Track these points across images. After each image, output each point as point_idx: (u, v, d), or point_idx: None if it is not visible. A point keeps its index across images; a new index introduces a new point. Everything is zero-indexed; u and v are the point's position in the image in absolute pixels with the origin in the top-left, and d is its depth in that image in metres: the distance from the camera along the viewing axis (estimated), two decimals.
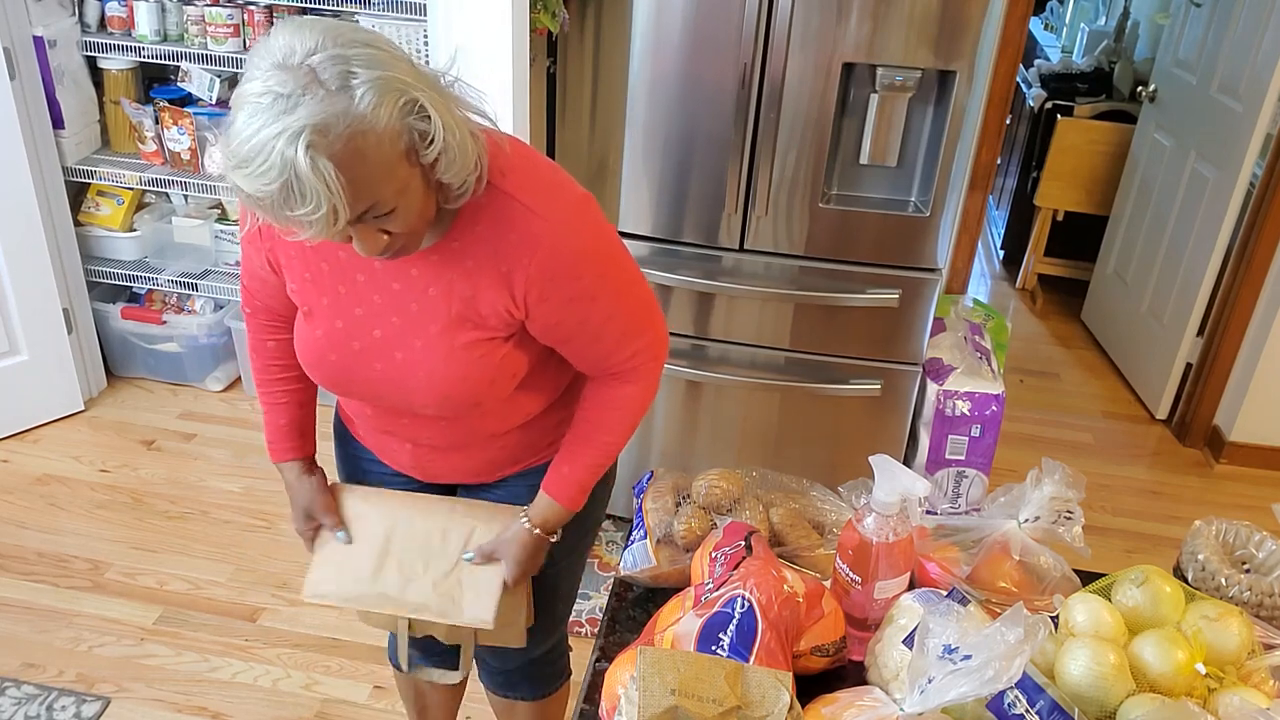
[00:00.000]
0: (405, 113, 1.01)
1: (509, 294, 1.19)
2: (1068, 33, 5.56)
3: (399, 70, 1.01)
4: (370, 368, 1.25)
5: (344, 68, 0.98)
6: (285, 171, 0.95)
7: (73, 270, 3.04)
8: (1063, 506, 1.29)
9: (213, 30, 2.78)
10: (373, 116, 0.98)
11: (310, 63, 0.97)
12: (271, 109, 0.95)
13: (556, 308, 1.21)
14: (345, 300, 1.24)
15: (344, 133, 0.97)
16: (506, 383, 1.28)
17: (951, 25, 2.09)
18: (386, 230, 1.07)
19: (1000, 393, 2.50)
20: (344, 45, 0.99)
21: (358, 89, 0.97)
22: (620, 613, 1.35)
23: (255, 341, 1.43)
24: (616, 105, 2.28)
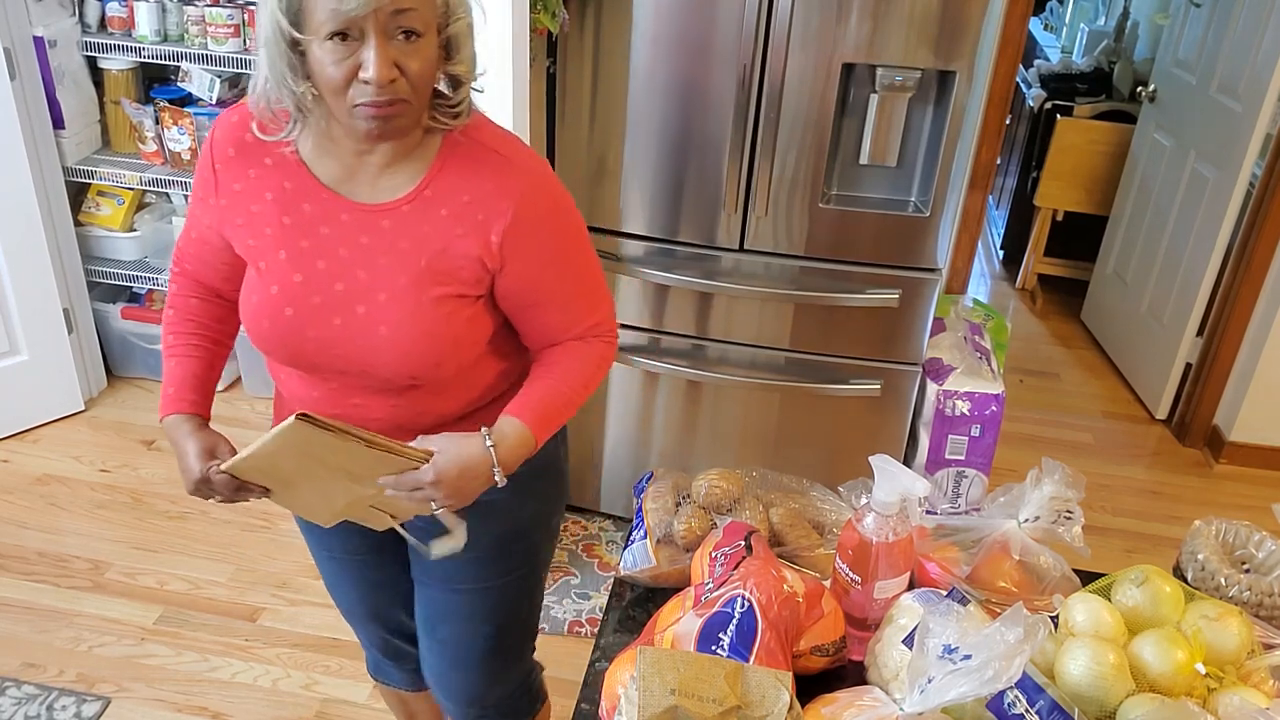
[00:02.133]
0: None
1: (485, 243, 1.17)
2: (1068, 33, 5.56)
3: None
4: (328, 324, 1.20)
5: None
6: None
7: (73, 270, 3.04)
8: (1063, 506, 1.29)
9: (213, 30, 2.78)
10: None
11: None
12: None
13: (531, 262, 1.20)
14: (307, 254, 1.19)
15: None
16: (470, 347, 1.24)
17: (951, 25, 2.09)
18: (400, 65, 1.06)
19: (1000, 393, 2.50)
20: None
21: None
22: (620, 613, 1.35)
23: (176, 298, 1.38)
24: (616, 105, 2.28)
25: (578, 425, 2.68)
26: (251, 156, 1.21)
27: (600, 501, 2.78)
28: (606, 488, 2.76)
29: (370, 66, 1.05)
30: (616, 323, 1.34)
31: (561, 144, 2.37)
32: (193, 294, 1.38)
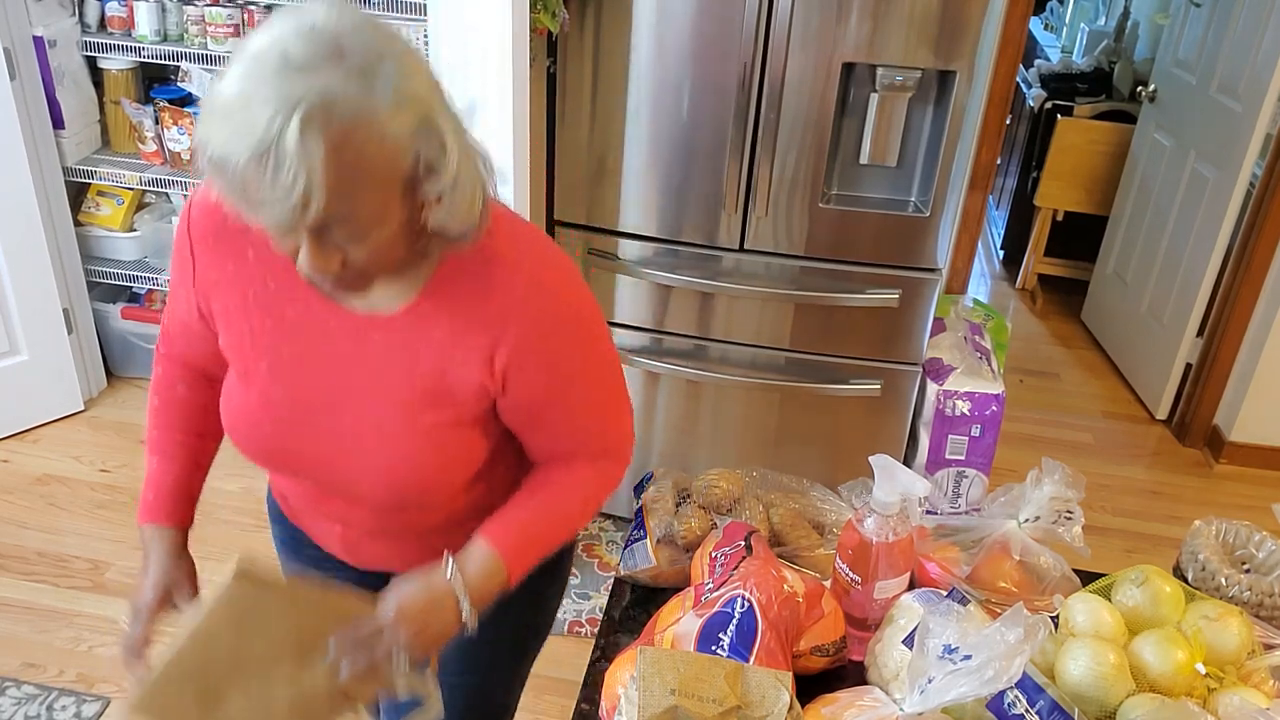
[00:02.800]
0: (420, 135, 0.88)
1: (486, 367, 1.03)
2: (1068, 33, 5.56)
3: (430, 89, 0.90)
4: (310, 444, 1.09)
5: (375, 55, 0.85)
6: (268, 136, 0.81)
7: (73, 270, 3.04)
8: (1063, 506, 1.29)
9: (213, 30, 2.78)
10: (387, 117, 0.85)
11: (343, 40, 0.84)
12: (279, 70, 0.82)
13: (536, 381, 1.05)
14: (289, 364, 1.07)
15: (351, 119, 0.83)
16: (461, 472, 1.11)
17: (951, 25, 2.09)
18: (345, 254, 0.91)
19: (1000, 393, 2.50)
20: (385, 38, 0.87)
21: (381, 82, 0.85)
22: (620, 613, 1.35)
23: (160, 385, 1.24)
24: (616, 105, 2.28)
25: None
26: (232, 246, 1.06)
27: None
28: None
29: (302, 261, 0.91)
30: (632, 437, 1.20)
31: (561, 144, 2.37)
32: (179, 379, 1.24)
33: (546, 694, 2.15)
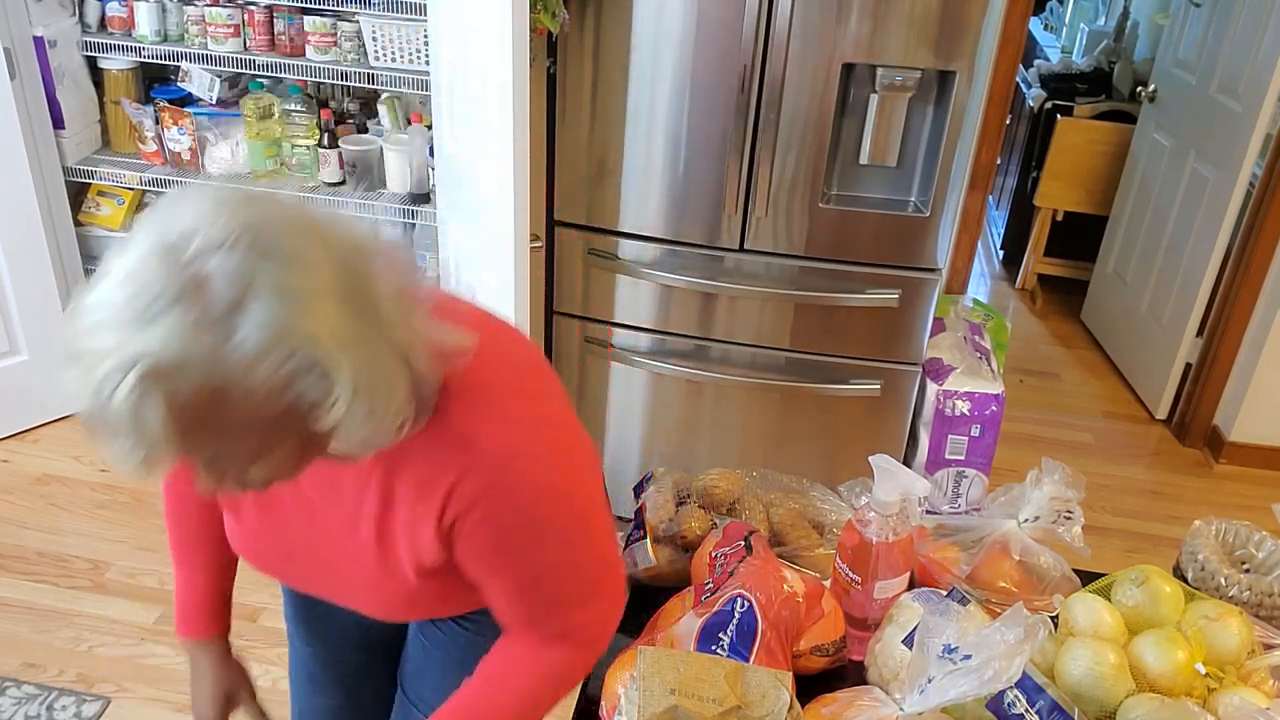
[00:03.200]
0: (295, 375, 0.74)
1: (437, 528, 0.95)
2: (1068, 33, 5.56)
3: (315, 309, 0.74)
4: (304, 574, 1.10)
5: (243, 288, 0.71)
6: (101, 396, 0.71)
7: (73, 270, 3.04)
8: (1063, 506, 1.29)
9: (213, 30, 2.78)
10: (246, 371, 0.72)
11: (205, 267, 0.71)
12: (126, 307, 0.71)
13: (485, 548, 0.96)
14: (270, 504, 1.05)
15: (199, 382, 0.71)
16: (450, 596, 1.05)
17: (951, 25, 2.10)
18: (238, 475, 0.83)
19: (1000, 393, 2.50)
20: (262, 252, 0.73)
21: (243, 326, 0.71)
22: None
23: (174, 509, 1.20)
24: (616, 105, 2.28)
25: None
26: None
27: None
28: (607, 488, 2.75)
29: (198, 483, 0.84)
30: (612, 622, 1.07)
31: (561, 144, 2.37)
32: (185, 498, 1.20)
33: None
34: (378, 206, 2.88)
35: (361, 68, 2.74)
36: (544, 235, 2.45)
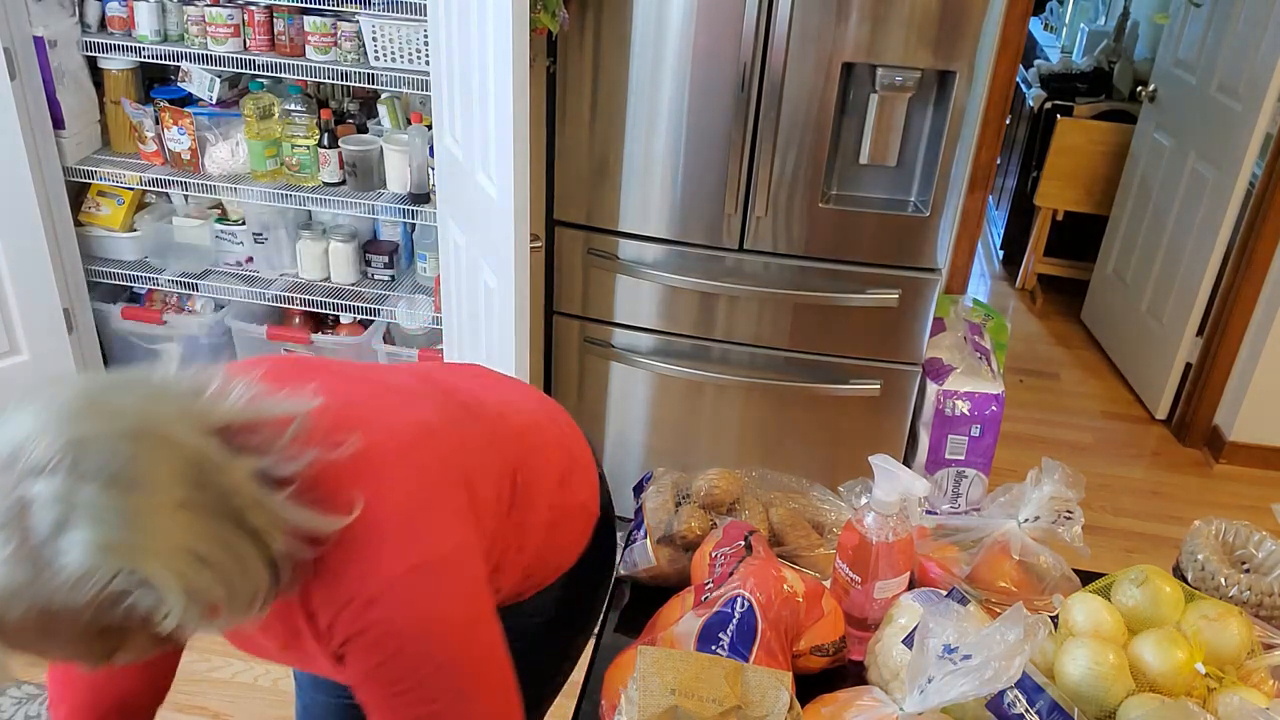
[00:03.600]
0: (121, 593, 0.72)
1: (331, 662, 0.95)
2: (1067, 33, 5.56)
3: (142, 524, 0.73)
4: (272, 658, 1.08)
5: (64, 512, 0.70)
6: None
7: (73, 270, 3.04)
8: (1062, 506, 1.29)
9: (213, 30, 2.78)
10: (69, 594, 0.71)
11: (29, 492, 0.71)
12: None
13: (367, 688, 0.94)
14: None
15: (24, 606, 0.71)
16: None
17: (951, 25, 2.10)
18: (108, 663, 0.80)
19: (1000, 393, 2.50)
20: (84, 475, 0.72)
21: (66, 550, 0.70)
22: (620, 613, 1.35)
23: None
24: (616, 105, 2.28)
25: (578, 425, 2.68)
26: None
27: None
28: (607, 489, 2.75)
29: None
30: None
31: (561, 144, 2.37)
32: None
33: None
34: (378, 206, 2.88)
35: (361, 68, 2.74)
36: (544, 235, 2.45)
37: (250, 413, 0.84)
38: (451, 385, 1.15)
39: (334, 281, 3.09)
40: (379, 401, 1.01)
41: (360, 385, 1.03)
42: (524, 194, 1.93)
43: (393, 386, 1.06)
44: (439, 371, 1.29)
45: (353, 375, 1.06)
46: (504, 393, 1.25)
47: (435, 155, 2.54)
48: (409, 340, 3.12)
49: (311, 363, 1.08)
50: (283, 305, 3.10)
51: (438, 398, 1.07)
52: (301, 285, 3.10)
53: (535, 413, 1.24)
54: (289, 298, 3.06)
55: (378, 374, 1.10)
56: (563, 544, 1.24)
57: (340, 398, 0.97)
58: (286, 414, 0.87)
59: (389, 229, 3.15)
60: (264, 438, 0.84)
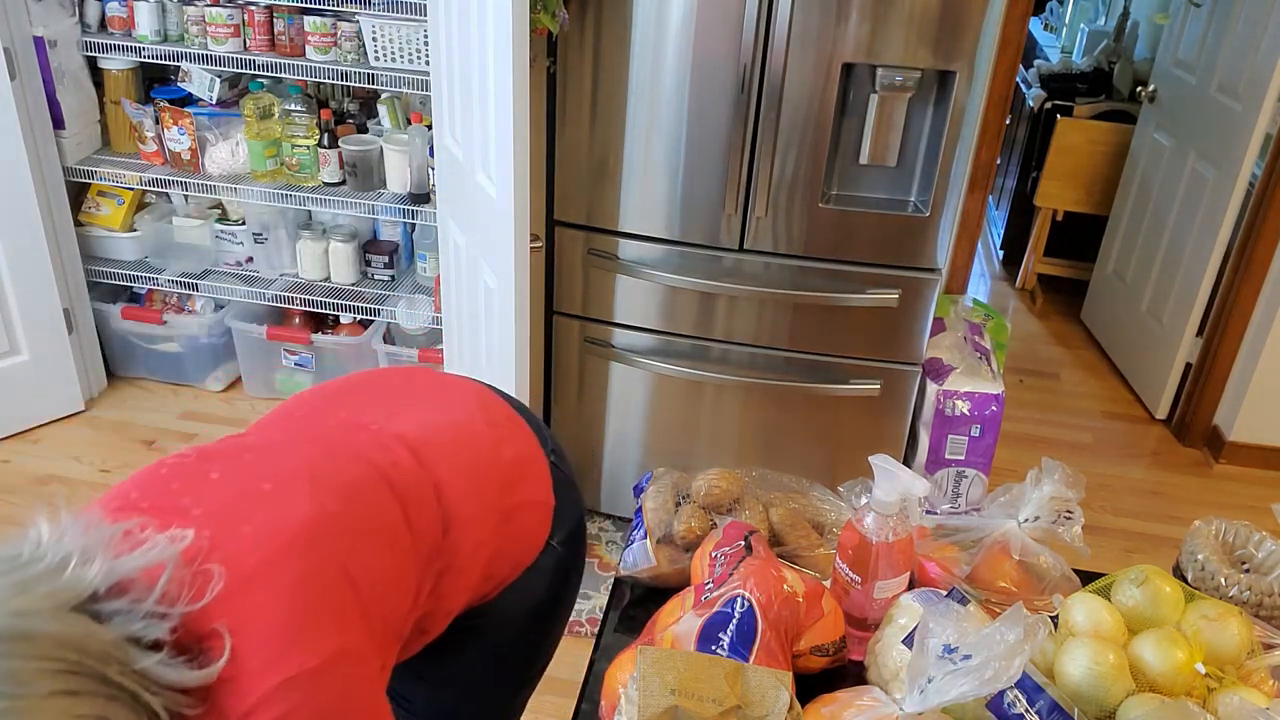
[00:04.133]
0: None
1: None
2: (1067, 33, 5.57)
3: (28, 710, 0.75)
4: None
5: None
6: None
7: (73, 270, 3.05)
8: (1062, 506, 1.29)
9: (213, 30, 2.78)
10: None
11: None
12: None
13: None
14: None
15: None
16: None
17: (951, 25, 2.10)
18: None
19: (1000, 393, 2.50)
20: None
21: None
22: (620, 613, 1.35)
23: None
24: (616, 105, 2.28)
25: (579, 425, 2.68)
26: None
27: (600, 501, 2.79)
28: (606, 488, 2.76)
29: None
30: None
31: (561, 144, 2.37)
32: None
33: (546, 694, 2.15)
34: (378, 206, 2.88)
35: (361, 68, 2.74)
36: (544, 235, 2.45)
37: (116, 574, 0.84)
38: (356, 439, 1.12)
39: (334, 281, 3.09)
40: (245, 507, 0.97)
41: (232, 487, 1.00)
42: (524, 194, 1.93)
43: (266, 479, 1.01)
44: (352, 412, 1.20)
45: (226, 476, 1.01)
46: (425, 407, 1.23)
47: (435, 155, 2.54)
48: (409, 340, 3.13)
49: (189, 470, 1.02)
50: (283, 305, 3.10)
51: (320, 480, 1.02)
52: (301, 285, 3.10)
53: (464, 423, 1.23)
54: (289, 298, 3.06)
55: (260, 464, 1.04)
56: (517, 542, 1.25)
57: (209, 514, 0.95)
58: (154, 564, 0.86)
59: (389, 229, 3.15)
60: (133, 595, 0.84)
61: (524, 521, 1.25)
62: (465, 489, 1.16)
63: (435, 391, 1.29)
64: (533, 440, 1.31)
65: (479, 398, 1.30)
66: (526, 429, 1.32)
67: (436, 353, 2.98)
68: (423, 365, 1.43)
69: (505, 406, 1.33)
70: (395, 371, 1.35)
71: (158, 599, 0.85)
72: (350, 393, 1.26)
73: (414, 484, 1.11)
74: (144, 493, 0.99)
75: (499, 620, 1.28)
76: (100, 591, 0.83)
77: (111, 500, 0.99)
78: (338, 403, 1.23)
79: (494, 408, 1.30)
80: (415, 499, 1.10)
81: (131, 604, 0.84)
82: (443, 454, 1.17)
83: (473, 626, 1.25)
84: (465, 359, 2.50)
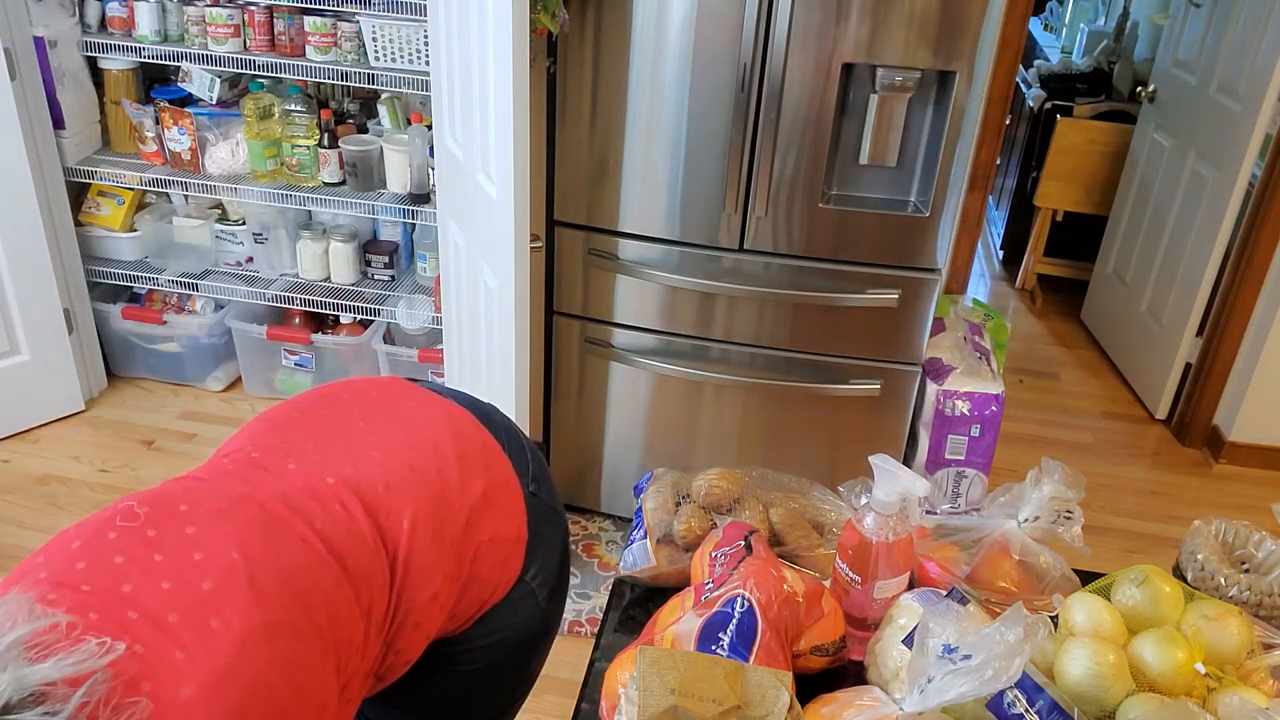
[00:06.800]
0: None
1: None
2: (1067, 33, 5.57)
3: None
4: None
5: None
6: None
7: (73, 270, 3.05)
8: (1062, 506, 1.29)
9: (213, 30, 2.78)
10: None
11: None
12: None
13: None
14: None
15: None
16: None
17: (951, 25, 2.10)
18: None
19: (1000, 393, 2.50)
20: None
21: None
22: (620, 613, 1.35)
23: None
24: (616, 105, 2.28)
25: (579, 425, 2.68)
26: None
27: (600, 501, 2.79)
28: (606, 488, 2.76)
29: None
30: None
31: (561, 144, 2.37)
32: None
33: (546, 694, 2.16)
34: (378, 206, 2.88)
35: (361, 68, 2.74)
36: (544, 235, 2.45)
37: (28, 684, 0.79)
38: (303, 486, 1.08)
39: (334, 281, 3.09)
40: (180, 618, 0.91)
41: (171, 576, 0.94)
42: (524, 194, 1.93)
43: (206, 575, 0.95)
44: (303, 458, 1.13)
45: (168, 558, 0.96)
46: (390, 445, 1.17)
47: (435, 155, 2.54)
48: (409, 340, 3.13)
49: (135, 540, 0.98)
50: (283, 305, 3.10)
51: (257, 573, 0.97)
52: (301, 285, 3.10)
53: (429, 460, 1.17)
54: (289, 298, 3.07)
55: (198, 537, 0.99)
56: (483, 582, 1.20)
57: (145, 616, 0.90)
58: (78, 675, 0.81)
59: (389, 229, 3.15)
60: (48, 707, 0.79)
61: (491, 558, 1.20)
62: (425, 535, 1.11)
63: (404, 421, 1.21)
64: (507, 471, 1.25)
65: (451, 426, 1.23)
66: (502, 459, 1.25)
67: (436, 353, 2.98)
68: (403, 380, 1.37)
69: (481, 435, 1.25)
70: (368, 392, 1.26)
71: (74, 712, 0.79)
72: (314, 421, 1.19)
73: (365, 552, 1.06)
74: (88, 562, 0.92)
75: (471, 652, 1.25)
76: (12, 702, 0.78)
77: (53, 557, 0.93)
78: (298, 439, 1.16)
79: (467, 438, 1.23)
80: (365, 571, 1.05)
81: (44, 716, 0.78)
82: (403, 499, 1.11)
83: (445, 656, 1.23)
84: (465, 359, 2.50)
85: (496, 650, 1.27)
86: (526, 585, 1.26)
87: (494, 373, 2.21)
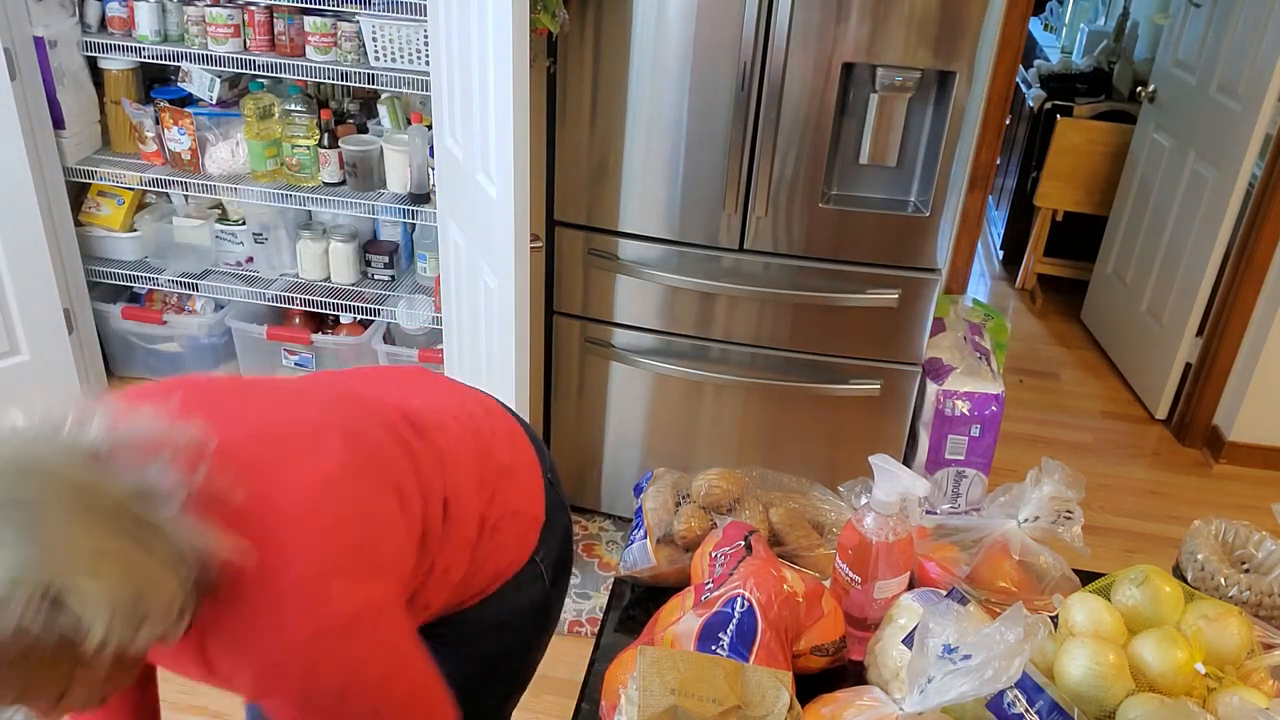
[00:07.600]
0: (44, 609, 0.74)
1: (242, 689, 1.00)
2: (1067, 33, 5.57)
3: (45, 535, 0.76)
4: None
5: None
6: None
7: (73, 270, 3.05)
8: (1062, 506, 1.29)
9: (213, 30, 2.78)
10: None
11: None
12: None
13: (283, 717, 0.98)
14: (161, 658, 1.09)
15: None
16: None
17: (951, 25, 2.10)
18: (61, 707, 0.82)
19: (1000, 393, 2.50)
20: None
21: None
22: (620, 613, 1.35)
23: None
24: (616, 105, 2.28)
25: (579, 425, 2.68)
26: None
27: (600, 501, 2.79)
28: (606, 488, 2.76)
29: None
30: None
31: (561, 144, 2.37)
32: None
33: (546, 694, 2.16)
34: (378, 206, 2.88)
35: (361, 68, 2.74)
36: (544, 235, 2.45)
37: (116, 436, 0.83)
38: (372, 405, 1.13)
39: (334, 281, 3.09)
40: (281, 449, 0.97)
41: (263, 421, 1.01)
42: (524, 194, 1.93)
43: (299, 425, 1.02)
44: (361, 385, 1.23)
45: (258, 410, 1.03)
46: (435, 395, 1.25)
47: (435, 155, 2.54)
48: (409, 340, 3.13)
49: (219, 392, 1.04)
50: (283, 305, 3.10)
51: (351, 431, 1.04)
52: (301, 285, 3.10)
53: (468, 424, 1.22)
54: (289, 298, 3.07)
55: (286, 406, 1.06)
56: (501, 552, 1.23)
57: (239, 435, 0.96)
58: (158, 438, 0.85)
59: (389, 229, 3.15)
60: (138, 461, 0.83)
61: (510, 530, 1.23)
62: (464, 484, 1.16)
63: (440, 389, 1.30)
64: (531, 456, 1.31)
65: (482, 403, 1.31)
66: (527, 444, 1.32)
67: (436, 353, 2.98)
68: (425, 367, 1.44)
69: (509, 420, 1.32)
70: (397, 369, 1.36)
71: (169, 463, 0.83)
72: (363, 374, 1.28)
73: (426, 460, 1.12)
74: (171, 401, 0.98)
75: (479, 629, 1.26)
76: (103, 452, 0.81)
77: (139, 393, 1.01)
78: (355, 378, 1.25)
79: (498, 417, 1.30)
80: (427, 474, 1.10)
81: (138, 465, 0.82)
82: (451, 440, 1.17)
83: (453, 633, 1.24)
84: (465, 359, 2.50)
85: (504, 630, 1.29)
86: (536, 566, 1.28)
87: (494, 373, 2.21)
